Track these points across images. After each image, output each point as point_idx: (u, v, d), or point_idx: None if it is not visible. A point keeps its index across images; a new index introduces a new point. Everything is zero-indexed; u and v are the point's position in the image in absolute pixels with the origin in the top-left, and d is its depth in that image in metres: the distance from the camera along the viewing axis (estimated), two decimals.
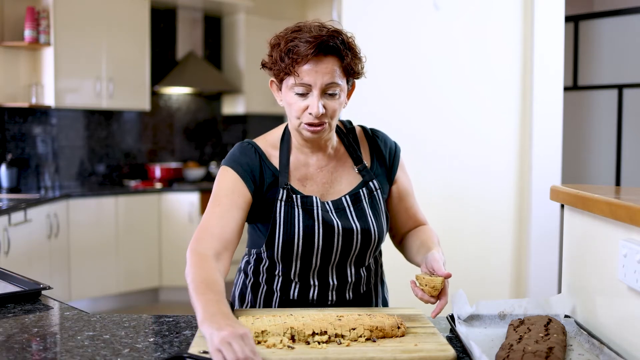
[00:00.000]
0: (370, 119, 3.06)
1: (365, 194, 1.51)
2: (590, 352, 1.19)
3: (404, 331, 1.23)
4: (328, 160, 1.53)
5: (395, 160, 1.59)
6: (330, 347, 1.15)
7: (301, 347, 1.15)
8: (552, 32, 3.03)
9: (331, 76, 1.38)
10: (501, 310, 1.37)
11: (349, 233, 1.46)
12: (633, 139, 4.07)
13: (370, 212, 1.50)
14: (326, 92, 1.39)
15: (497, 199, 3.08)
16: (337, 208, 1.48)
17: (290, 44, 1.38)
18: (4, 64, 4.63)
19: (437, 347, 1.17)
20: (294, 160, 1.52)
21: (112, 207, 4.84)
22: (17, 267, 2.90)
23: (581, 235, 1.39)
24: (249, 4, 5.65)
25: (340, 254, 1.48)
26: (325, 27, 1.41)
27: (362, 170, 1.53)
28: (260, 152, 1.51)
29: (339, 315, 1.26)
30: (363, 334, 1.19)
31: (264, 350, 1.13)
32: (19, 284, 1.67)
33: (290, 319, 1.23)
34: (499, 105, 3.08)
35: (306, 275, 1.50)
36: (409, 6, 3.03)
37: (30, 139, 4.95)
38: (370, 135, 1.60)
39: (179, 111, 5.91)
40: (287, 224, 1.46)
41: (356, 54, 1.43)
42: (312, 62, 1.37)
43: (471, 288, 2.89)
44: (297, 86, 1.39)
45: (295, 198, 1.47)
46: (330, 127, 1.44)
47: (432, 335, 1.24)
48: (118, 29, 5.05)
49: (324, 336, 1.17)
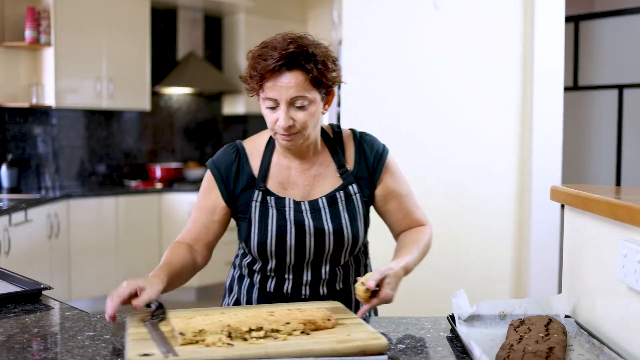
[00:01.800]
0: (370, 119, 3.06)
1: (342, 196, 1.55)
2: (590, 352, 1.19)
3: (334, 323, 1.27)
4: (310, 163, 1.58)
5: (380, 164, 1.60)
6: (269, 342, 1.17)
7: (240, 343, 1.16)
8: (552, 32, 3.02)
9: (296, 90, 1.42)
10: (501, 310, 1.38)
11: (321, 233, 1.52)
12: (633, 139, 4.07)
13: (346, 214, 1.54)
14: (294, 104, 1.44)
15: (497, 199, 3.08)
16: (313, 209, 1.54)
17: (256, 61, 1.45)
18: (5, 64, 4.63)
19: (369, 336, 1.20)
20: (276, 163, 1.58)
21: (112, 207, 4.84)
22: (17, 267, 2.89)
23: (581, 235, 1.39)
24: (249, 4, 5.65)
25: (314, 253, 1.54)
26: (295, 40, 1.44)
27: (342, 173, 1.57)
28: (242, 154, 1.59)
29: (270, 311, 1.29)
30: (297, 328, 1.23)
31: (204, 349, 1.12)
32: (19, 284, 1.67)
33: (224, 317, 1.24)
34: (499, 105, 3.08)
35: (282, 271, 1.57)
36: (408, 6, 3.03)
37: (31, 139, 4.95)
38: (357, 138, 1.62)
39: (180, 111, 5.91)
40: (261, 224, 1.53)
41: (326, 64, 1.46)
42: (276, 78, 1.42)
43: (471, 288, 2.88)
44: (266, 100, 1.46)
45: (269, 199, 1.54)
46: (304, 135, 1.48)
47: (360, 325, 1.28)
48: (118, 29, 5.05)
49: (260, 332, 1.20)
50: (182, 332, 1.15)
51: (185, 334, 1.15)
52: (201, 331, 1.16)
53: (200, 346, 1.14)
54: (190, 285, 5.13)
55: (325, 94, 1.50)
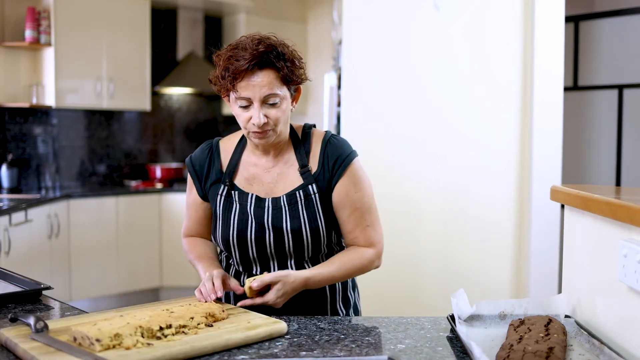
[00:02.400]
0: (370, 119, 3.06)
1: (302, 196, 1.57)
2: (590, 352, 1.19)
3: (227, 314, 1.37)
4: (275, 161, 1.61)
5: (340, 168, 1.58)
6: (185, 337, 1.21)
7: (157, 342, 1.18)
8: (552, 32, 3.02)
9: (268, 88, 1.47)
10: (501, 310, 1.38)
11: (279, 231, 1.55)
12: (633, 139, 4.07)
13: (305, 213, 1.55)
14: (266, 102, 1.49)
15: (497, 199, 3.08)
16: (275, 206, 1.57)
17: (228, 62, 1.49)
18: (5, 64, 4.63)
19: (268, 322, 1.31)
20: (245, 160, 1.64)
21: (112, 207, 4.85)
22: (17, 267, 2.90)
23: (581, 235, 1.39)
24: (250, 4, 5.65)
25: (275, 249, 1.57)
26: (263, 41, 1.49)
27: (304, 173, 1.59)
28: (215, 151, 1.68)
29: (166, 309, 1.30)
30: (201, 321, 1.29)
31: (129, 352, 1.12)
32: (19, 284, 1.67)
33: (126, 318, 1.22)
34: (499, 106, 3.08)
35: (248, 264, 1.61)
36: (409, 6, 3.03)
37: (31, 139, 4.95)
38: (325, 140, 1.62)
39: (180, 111, 5.92)
40: (225, 217, 1.60)
41: (294, 62, 1.52)
42: (249, 78, 1.47)
43: (471, 288, 2.89)
44: (239, 100, 1.50)
45: (234, 194, 1.60)
46: (276, 132, 1.53)
47: (248, 313, 1.39)
48: (118, 29, 5.05)
49: (171, 329, 1.23)
50: (99, 339, 1.13)
51: (102, 340, 1.13)
52: (117, 335, 1.15)
53: (120, 350, 1.14)
54: (190, 285, 5.13)
55: (294, 91, 1.56)
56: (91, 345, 1.14)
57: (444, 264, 3.05)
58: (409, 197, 3.05)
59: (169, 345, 1.17)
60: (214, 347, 1.20)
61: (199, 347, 1.17)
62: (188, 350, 1.16)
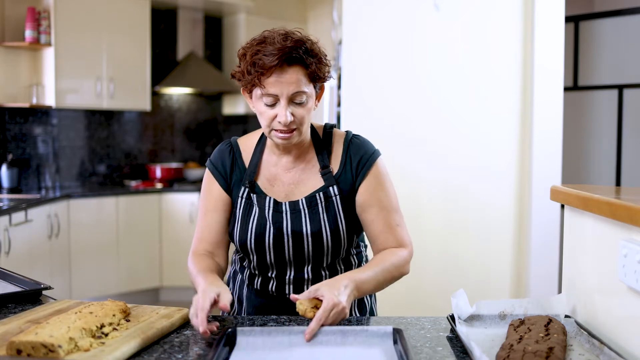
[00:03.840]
0: (370, 119, 3.06)
1: (322, 198, 1.52)
2: (590, 352, 1.19)
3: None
4: (296, 162, 1.57)
5: (363, 169, 1.54)
6: (124, 332, 1.25)
7: (106, 340, 1.20)
8: (552, 32, 3.03)
9: (296, 85, 1.42)
10: (501, 310, 1.38)
11: (299, 236, 1.51)
12: (633, 139, 4.07)
13: (325, 216, 1.51)
14: (293, 100, 1.44)
15: (497, 199, 3.08)
16: (294, 210, 1.52)
17: (255, 57, 1.42)
18: (5, 64, 4.63)
19: (173, 310, 1.40)
20: (266, 160, 1.59)
21: (112, 207, 4.85)
22: (17, 267, 2.90)
23: (581, 235, 1.39)
24: (250, 4, 5.65)
25: (294, 253, 1.53)
26: (290, 36, 1.44)
27: (325, 174, 1.54)
28: (235, 151, 1.61)
29: (90, 312, 1.28)
30: (121, 317, 1.33)
31: (89, 354, 1.12)
32: (19, 284, 1.67)
33: (59, 323, 1.19)
34: (499, 106, 3.08)
35: (264, 268, 1.57)
36: (409, 6, 3.04)
37: (31, 139, 4.95)
38: (347, 140, 1.58)
39: (180, 111, 5.92)
40: (243, 220, 1.55)
41: (321, 59, 1.47)
42: (277, 74, 1.41)
43: (471, 288, 2.89)
44: (265, 96, 1.43)
45: (253, 197, 1.55)
46: (300, 132, 1.48)
47: (147, 306, 1.44)
48: (119, 30, 5.05)
49: (106, 327, 1.25)
50: (60, 344, 1.10)
51: (63, 345, 1.11)
52: (71, 338, 1.13)
53: (81, 352, 1.13)
54: (190, 285, 5.13)
55: (319, 89, 1.51)
56: (50, 352, 1.09)
57: (444, 264, 3.05)
58: (409, 197, 3.05)
59: (121, 341, 1.18)
60: (162, 333, 1.28)
61: (148, 336, 1.23)
62: (141, 342, 1.20)
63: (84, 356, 1.11)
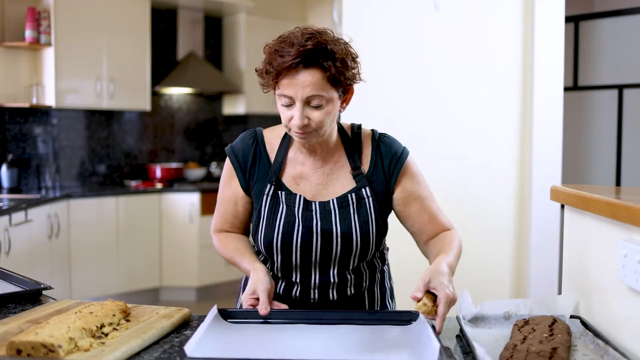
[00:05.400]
0: (371, 119, 3.05)
1: (354, 199, 1.50)
2: (594, 352, 1.19)
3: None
4: (325, 162, 1.53)
5: (397, 167, 1.54)
6: (124, 332, 1.24)
7: (106, 340, 1.19)
8: (552, 32, 3.03)
9: (312, 88, 1.37)
10: (506, 311, 1.37)
11: (328, 236, 1.48)
12: (633, 139, 4.07)
13: (356, 217, 1.48)
14: (310, 103, 1.39)
15: (497, 199, 3.08)
16: (324, 210, 1.49)
17: (273, 56, 1.39)
18: (5, 64, 4.63)
19: (173, 310, 1.39)
20: (292, 157, 1.55)
21: (112, 207, 4.84)
22: (17, 267, 2.90)
23: (581, 235, 1.39)
24: (250, 4, 5.65)
25: (321, 255, 1.49)
26: (313, 35, 1.39)
27: (357, 175, 1.52)
28: (260, 142, 1.57)
29: (90, 312, 1.28)
30: (121, 317, 1.32)
31: (89, 354, 1.12)
32: (19, 284, 1.67)
33: (59, 323, 1.19)
34: (499, 105, 3.08)
35: (289, 271, 1.53)
36: (409, 6, 3.03)
37: (31, 139, 4.95)
38: (375, 139, 1.57)
39: (180, 111, 5.91)
40: (270, 218, 1.50)
41: (345, 62, 1.40)
42: (292, 75, 1.37)
43: (471, 288, 2.88)
44: (281, 97, 1.41)
45: (280, 194, 1.51)
46: (319, 134, 1.44)
47: (147, 306, 1.43)
48: (119, 29, 5.05)
49: (106, 327, 1.24)
50: (60, 344, 1.10)
51: (63, 345, 1.11)
52: (71, 338, 1.14)
53: (81, 353, 1.13)
54: (190, 285, 5.13)
55: (343, 92, 1.45)
56: (50, 352, 1.09)
57: None
58: None
59: (121, 341, 1.18)
60: (161, 333, 1.27)
61: (148, 337, 1.22)
62: (141, 343, 1.20)
63: (84, 356, 1.11)
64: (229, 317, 1.36)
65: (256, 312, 1.36)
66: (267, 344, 1.22)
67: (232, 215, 1.59)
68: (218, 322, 1.31)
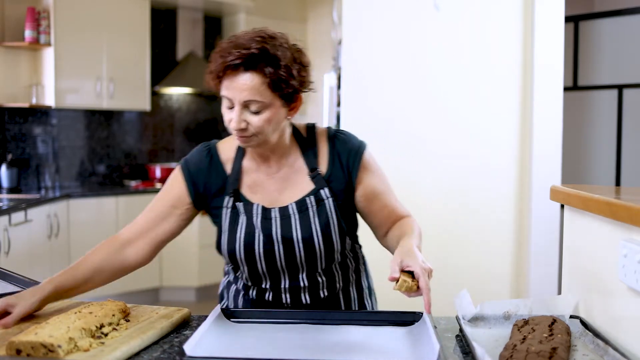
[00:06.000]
0: (370, 119, 3.06)
1: (313, 202, 1.47)
2: (594, 352, 1.19)
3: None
4: (280, 167, 1.50)
5: (355, 163, 1.50)
6: (124, 332, 1.24)
7: (105, 340, 1.19)
8: (552, 32, 3.02)
9: (250, 93, 1.34)
10: (506, 311, 1.37)
11: (289, 242, 1.45)
12: (633, 139, 4.07)
13: (317, 220, 1.45)
14: (248, 107, 1.36)
15: (497, 198, 3.08)
16: (283, 215, 1.46)
17: (217, 55, 1.37)
18: (5, 64, 4.63)
19: (173, 310, 1.39)
20: (247, 166, 1.52)
21: (112, 207, 4.84)
22: (17, 267, 2.89)
23: (581, 235, 1.39)
24: (249, 4, 5.65)
25: (286, 261, 1.47)
26: (262, 39, 1.35)
27: (314, 177, 1.48)
28: (214, 156, 1.53)
29: (89, 312, 1.27)
30: (120, 317, 1.32)
31: (89, 353, 1.12)
32: (19, 284, 1.67)
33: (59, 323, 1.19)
34: (499, 105, 3.08)
35: (257, 278, 1.51)
36: (409, 6, 3.03)
37: (31, 139, 4.95)
38: (331, 137, 1.53)
39: (180, 111, 5.91)
40: (230, 231, 1.48)
41: (290, 69, 1.36)
42: (231, 77, 1.34)
43: (471, 288, 2.88)
44: (223, 98, 1.39)
45: (238, 205, 1.48)
46: (260, 139, 1.40)
47: (147, 306, 1.44)
48: (118, 29, 5.05)
49: (106, 327, 1.24)
50: (60, 344, 1.10)
51: (62, 345, 1.11)
52: (71, 338, 1.14)
53: (81, 353, 1.13)
54: (190, 285, 5.13)
55: (288, 100, 1.40)
56: (49, 352, 1.09)
57: (444, 264, 3.05)
58: (409, 197, 3.04)
59: (120, 341, 1.18)
60: (161, 333, 1.28)
61: (148, 337, 1.22)
62: (141, 343, 1.20)
63: (83, 356, 1.11)
64: (232, 316, 1.36)
65: (258, 312, 1.37)
66: (267, 343, 1.22)
67: (159, 216, 1.50)
68: (219, 322, 1.31)
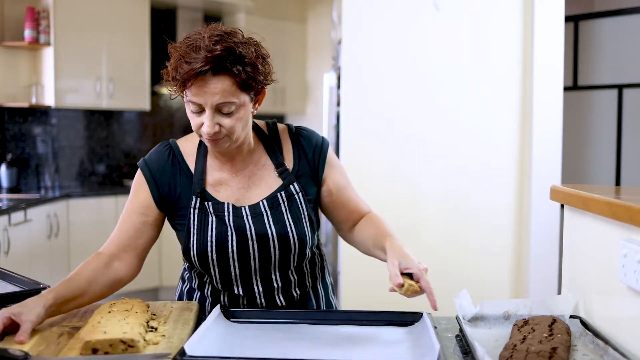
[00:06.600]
0: (370, 119, 3.06)
1: (284, 197, 1.45)
2: (594, 352, 1.18)
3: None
4: (244, 164, 1.47)
5: (321, 159, 1.51)
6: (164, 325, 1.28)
7: (159, 333, 1.23)
8: (552, 32, 3.02)
9: (222, 96, 1.30)
10: (506, 311, 1.37)
11: (264, 239, 1.42)
12: (633, 139, 4.07)
13: (289, 216, 1.44)
14: (220, 110, 1.33)
15: (497, 198, 3.08)
16: (255, 213, 1.43)
17: (179, 62, 1.32)
18: (4, 64, 4.63)
19: (185, 303, 1.44)
20: (210, 164, 1.48)
21: (112, 207, 4.84)
22: (17, 267, 2.89)
23: (581, 235, 1.39)
24: (249, 4, 5.64)
25: (259, 260, 1.44)
26: (221, 38, 1.31)
27: (282, 173, 1.47)
28: (177, 155, 1.49)
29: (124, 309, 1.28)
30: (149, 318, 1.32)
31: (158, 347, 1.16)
32: (19, 284, 1.67)
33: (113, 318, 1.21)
34: (499, 105, 3.08)
35: (229, 283, 1.47)
36: (408, 6, 3.03)
37: (30, 139, 4.95)
38: (293, 134, 1.52)
39: (179, 111, 5.91)
40: (200, 232, 1.43)
41: (256, 66, 1.33)
42: (200, 83, 1.29)
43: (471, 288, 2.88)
44: (190, 103, 1.34)
45: (207, 205, 1.44)
46: (232, 139, 1.37)
47: (158, 302, 1.45)
48: (118, 29, 5.05)
49: (153, 322, 1.29)
50: (137, 339, 1.13)
51: (139, 340, 1.14)
52: (140, 334, 1.16)
53: (152, 346, 1.17)
54: None
55: (255, 95, 1.39)
56: (129, 348, 1.12)
57: (444, 264, 3.05)
58: (408, 197, 3.05)
59: (174, 328, 1.26)
60: (194, 323, 1.34)
61: (191, 327, 1.29)
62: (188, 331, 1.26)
63: (159, 348, 1.15)
64: (232, 316, 1.35)
65: (258, 312, 1.37)
66: (267, 343, 1.22)
67: (134, 228, 1.47)
68: (219, 322, 1.31)
